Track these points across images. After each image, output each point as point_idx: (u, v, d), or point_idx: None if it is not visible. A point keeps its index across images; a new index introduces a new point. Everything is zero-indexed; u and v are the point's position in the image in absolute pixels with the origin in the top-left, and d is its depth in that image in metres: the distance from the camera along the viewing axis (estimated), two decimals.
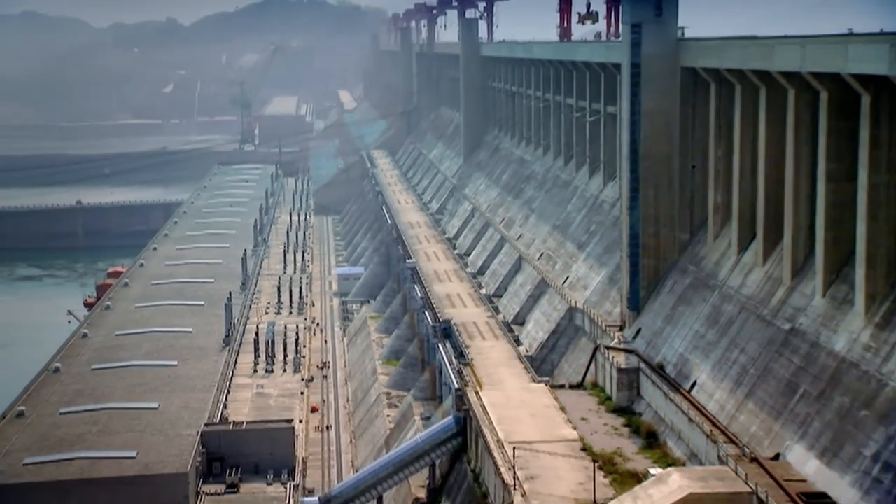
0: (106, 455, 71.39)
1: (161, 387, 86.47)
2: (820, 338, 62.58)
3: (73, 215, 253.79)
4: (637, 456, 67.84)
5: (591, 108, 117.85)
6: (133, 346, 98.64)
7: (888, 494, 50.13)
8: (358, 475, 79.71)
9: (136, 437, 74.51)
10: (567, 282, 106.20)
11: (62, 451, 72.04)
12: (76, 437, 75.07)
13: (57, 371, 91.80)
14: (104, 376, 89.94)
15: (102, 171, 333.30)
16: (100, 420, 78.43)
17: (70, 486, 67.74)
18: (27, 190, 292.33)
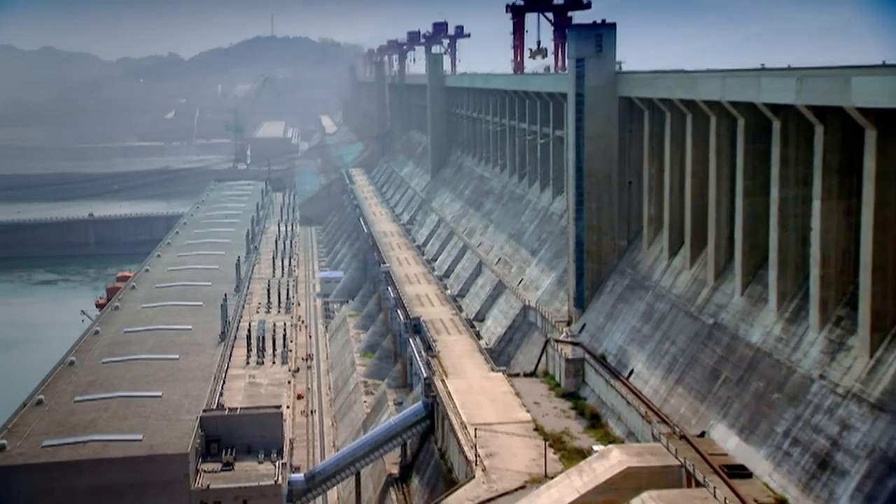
0: (115, 438, 71.11)
1: (164, 377, 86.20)
2: (739, 331, 63.35)
3: (85, 226, 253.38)
4: (582, 435, 68.40)
5: (541, 131, 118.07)
6: (139, 342, 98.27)
7: (796, 465, 50.97)
8: (338, 454, 79.78)
9: (142, 422, 74.25)
10: (521, 283, 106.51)
11: (76, 435, 71.70)
12: (89, 422, 74.74)
13: (72, 364, 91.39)
14: (114, 368, 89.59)
15: (111, 188, 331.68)
16: (110, 407, 78.11)
17: (83, 466, 67.50)
18: (45, 204, 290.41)
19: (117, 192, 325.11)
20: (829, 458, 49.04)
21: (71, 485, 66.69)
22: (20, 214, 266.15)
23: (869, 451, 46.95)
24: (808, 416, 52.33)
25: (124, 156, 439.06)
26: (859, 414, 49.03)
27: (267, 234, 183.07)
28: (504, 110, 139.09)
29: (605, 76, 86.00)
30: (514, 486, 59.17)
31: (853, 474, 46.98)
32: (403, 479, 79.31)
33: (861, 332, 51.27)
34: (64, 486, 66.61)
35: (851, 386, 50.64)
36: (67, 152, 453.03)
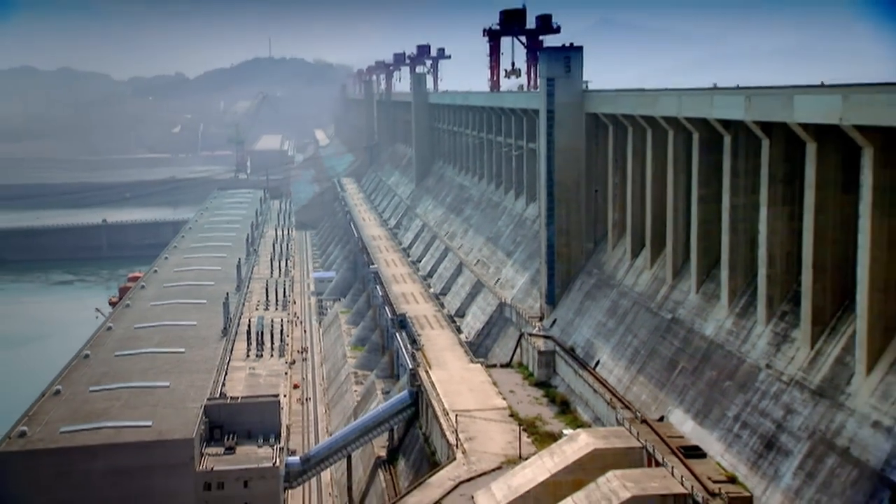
0: (127, 424, 71.02)
1: (171, 369, 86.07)
2: (694, 325, 63.76)
3: (98, 231, 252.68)
4: (553, 420, 68.84)
5: (515, 144, 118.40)
6: (148, 337, 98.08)
7: (745, 446, 51.42)
8: (331, 438, 79.80)
9: (151, 410, 74.15)
10: (498, 282, 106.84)
11: (91, 422, 71.55)
12: (102, 410, 74.62)
13: (87, 357, 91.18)
14: (125, 361, 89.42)
15: (123, 196, 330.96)
16: (122, 396, 78.00)
17: (97, 450, 67.38)
18: (61, 211, 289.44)
19: (128, 199, 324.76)
20: (775, 440, 49.55)
21: (86, 467, 66.62)
22: (39, 220, 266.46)
23: (810, 433, 47.51)
24: (755, 401, 52.81)
25: (134, 167, 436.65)
26: (801, 399, 49.56)
27: (265, 238, 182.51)
28: (482, 125, 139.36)
29: (573, 94, 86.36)
30: (492, 467, 59.63)
31: (796, 454, 47.50)
32: (391, 462, 79.45)
33: (803, 326, 51.75)
34: (80, 469, 66.58)
35: (794, 374, 51.16)
36: (82, 164, 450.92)
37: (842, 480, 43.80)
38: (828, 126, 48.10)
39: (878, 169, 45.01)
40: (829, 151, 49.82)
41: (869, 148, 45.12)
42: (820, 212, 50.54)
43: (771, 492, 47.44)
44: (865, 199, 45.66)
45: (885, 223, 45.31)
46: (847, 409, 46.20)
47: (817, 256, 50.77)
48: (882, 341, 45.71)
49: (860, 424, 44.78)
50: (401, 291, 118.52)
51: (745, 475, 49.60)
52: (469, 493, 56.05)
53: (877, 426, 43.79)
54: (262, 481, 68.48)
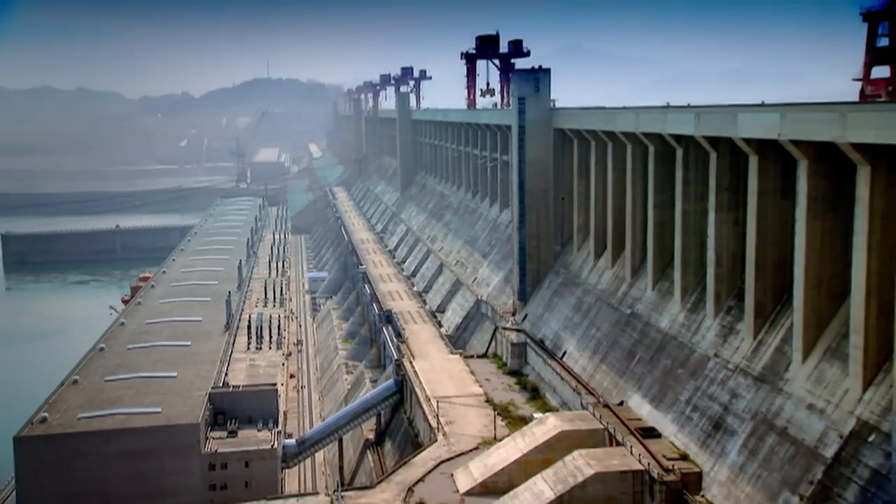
0: (138, 411, 70.81)
1: (179, 361, 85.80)
2: (651, 319, 64.18)
3: (112, 236, 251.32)
4: (525, 405, 69.02)
5: (490, 156, 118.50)
6: (158, 331, 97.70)
7: (696, 427, 51.92)
8: (324, 423, 79.80)
9: (160, 398, 73.91)
10: (475, 281, 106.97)
11: (106, 409, 71.28)
12: (116, 398, 74.36)
13: (102, 350, 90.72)
14: (137, 353, 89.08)
15: (134, 203, 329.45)
16: (134, 385, 77.71)
17: (112, 434, 67.18)
18: (79, 217, 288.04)
19: (139, 207, 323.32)
20: (722, 421, 50.06)
21: (101, 450, 66.39)
22: (58, 226, 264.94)
23: (752, 414, 48.07)
24: (705, 387, 53.33)
25: (144, 177, 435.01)
26: (745, 385, 50.12)
27: (264, 242, 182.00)
28: (460, 139, 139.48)
29: (541, 112, 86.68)
30: (469, 448, 59.78)
31: (740, 433, 48.06)
32: (378, 443, 79.31)
33: (746, 319, 52.32)
34: (95, 452, 66.31)
35: (739, 363, 51.71)
36: (97, 175, 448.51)
37: (780, 457, 44.37)
38: (768, 141, 48.70)
39: (811, 179, 45.62)
40: (768, 163, 50.39)
41: (804, 160, 45.74)
42: (761, 217, 51.12)
43: (718, 468, 47.93)
44: (801, 206, 46.27)
45: (817, 227, 45.92)
46: (785, 393, 46.78)
47: (759, 257, 51.37)
48: (816, 333, 46.34)
49: (796, 407, 45.36)
50: (387, 290, 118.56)
51: (696, 453, 50.12)
52: (449, 471, 56.25)
53: (811, 408, 44.39)
54: (262, 462, 68.43)
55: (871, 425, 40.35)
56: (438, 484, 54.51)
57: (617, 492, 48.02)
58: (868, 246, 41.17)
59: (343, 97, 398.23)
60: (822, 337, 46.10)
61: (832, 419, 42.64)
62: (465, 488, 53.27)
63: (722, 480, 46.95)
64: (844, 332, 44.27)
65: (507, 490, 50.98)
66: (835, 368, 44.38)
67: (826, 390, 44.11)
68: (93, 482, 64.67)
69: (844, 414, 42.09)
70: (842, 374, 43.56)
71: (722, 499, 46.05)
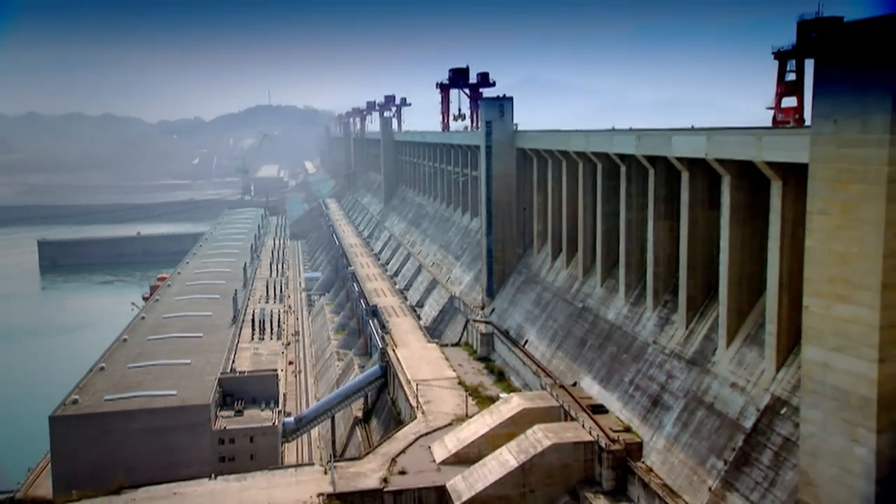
0: (157, 393, 70.37)
1: (192, 350, 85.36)
2: (599, 312, 64.48)
3: (133, 242, 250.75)
4: (492, 387, 69.04)
5: (462, 172, 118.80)
6: (173, 324, 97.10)
7: (638, 404, 52.20)
8: (318, 403, 79.52)
9: (176, 382, 73.53)
10: (449, 280, 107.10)
11: (129, 392, 70.83)
12: (137, 382, 73.87)
13: (125, 341, 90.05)
14: (156, 344, 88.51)
15: (153, 213, 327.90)
16: (153, 371, 77.25)
17: (134, 414, 66.76)
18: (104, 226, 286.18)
19: (157, 216, 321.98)
20: (659, 398, 50.48)
21: (125, 427, 65.94)
22: (86, 234, 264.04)
23: (685, 392, 48.52)
24: (645, 369, 53.72)
25: (161, 191, 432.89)
26: (679, 367, 50.55)
27: (265, 247, 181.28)
28: (436, 157, 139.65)
29: (506, 133, 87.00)
30: (444, 424, 59.78)
31: (675, 408, 48.47)
32: (366, 421, 79.37)
33: (680, 311, 52.76)
34: (120, 429, 65.84)
35: (674, 348, 52.13)
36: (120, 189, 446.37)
37: (708, 428, 44.82)
38: (697, 159, 49.16)
39: (733, 192, 46.16)
40: (697, 178, 50.87)
41: (727, 176, 46.26)
42: (692, 224, 51.57)
43: (656, 438, 48.33)
44: (725, 215, 46.79)
45: (738, 232, 46.46)
46: (712, 374, 47.25)
47: (690, 258, 51.79)
48: (737, 322, 46.89)
49: (722, 385, 45.84)
50: (373, 287, 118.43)
51: (638, 426, 50.50)
52: (427, 444, 56.24)
53: (734, 386, 44.88)
54: (265, 437, 68.24)
55: (782, 400, 40.89)
56: (418, 455, 54.54)
57: (571, 460, 48.34)
58: (780, 248, 41.67)
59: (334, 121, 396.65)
60: (743, 326, 46.63)
61: (751, 395, 43.14)
62: (440, 459, 53.37)
63: (659, 449, 47.35)
64: (761, 321, 44.76)
65: (477, 460, 51.17)
66: (753, 352, 44.90)
67: (746, 371, 44.62)
68: (117, 455, 64.07)
69: (761, 391, 42.61)
70: (759, 357, 44.08)
71: (659, 464, 46.44)
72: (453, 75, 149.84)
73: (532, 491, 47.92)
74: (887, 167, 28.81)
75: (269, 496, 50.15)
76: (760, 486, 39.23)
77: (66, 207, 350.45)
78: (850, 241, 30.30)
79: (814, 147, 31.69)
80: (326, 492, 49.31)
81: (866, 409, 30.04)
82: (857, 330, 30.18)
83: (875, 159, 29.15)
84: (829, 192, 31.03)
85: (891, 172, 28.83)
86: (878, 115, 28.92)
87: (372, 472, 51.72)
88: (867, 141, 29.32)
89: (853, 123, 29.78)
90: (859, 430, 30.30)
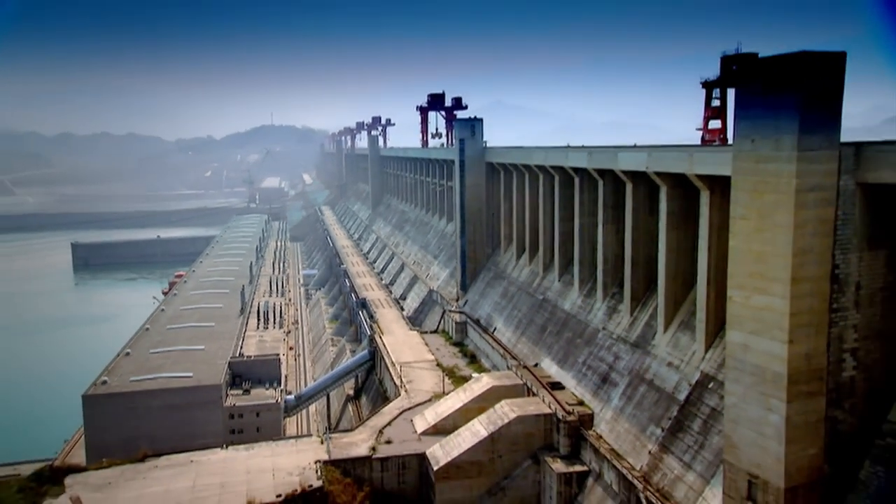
0: (175, 375, 69.85)
1: (205, 337, 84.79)
2: (557, 303, 64.71)
3: (154, 244, 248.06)
4: (466, 368, 69.21)
5: (439, 183, 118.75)
6: (189, 315, 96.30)
7: (589, 381, 52.47)
8: (315, 383, 79.32)
9: (192, 365, 73.04)
10: (428, 276, 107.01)
11: (151, 374, 70.31)
12: (158, 365, 73.26)
13: (147, 330, 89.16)
14: (174, 332, 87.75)
15: (170, 219, 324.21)
16: (171, 356, 76.65)
17: (156, 393, 66.29)
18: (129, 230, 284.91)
19: (174, 222, 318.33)
20: (608, 376, 50.85)
21: (148, 404, 65.51)
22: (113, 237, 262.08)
23: (629, 371, 48.94)
24: (596, 352, 54.01)
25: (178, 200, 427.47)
26: (624, 350, 50.95)
27: (269, 248, 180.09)
28: (416, 170, 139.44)
29: (476, 150, 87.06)
30: (424, 400, 59.95)
31: (621, 385, 48.88)
32: (356, 398, 79.35)
33: (625, 302, 53.14)
34: (143, 406, 65.41)
35: (620, 333, 52.52)
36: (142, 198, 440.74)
37: (648, 401, 45.29)
38: (639, 172, 49.64)
39: (669, 200, 46.63)
40: (640, 189, 51.34)
41: (664, 187, 46.73)
42: (635, 228, 52.04)
43: (605, 410, 48.74)
44: (662, 220, 47.24)
45: (674, 235, 46.89)
46: (652, 355, 47.72)
47: (634, 257, 52.23)
48: (673, 311, 47.37)
49: (660, 365, 46.32)
50: (362, 283, 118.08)
51: (590, 400, 50.88)
52: (409, 417, 56.36)
53: (670, 365, 45.37)
54: (269, 413, 68.02)
55: (710, 376, 41.41)
56: (402, 427, 54.63)
57: (533, 430, 48.67)
58: (708, 248, 42.19)
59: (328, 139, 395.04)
60: (678, 314, 47.14)
61: (684, 373, 43.63)
62: (421, 430, 53.50)
63: (608, 419, 47.74)
64: (692, 310, 45.27)
65: (452, 430, 51.38)
66: (686, 336, 45.37)
67: (680, 352, 45.12)
68: (142, 429, 63.61)
69: (692, 369, 43.10)
70: (691, 341, 44.56)
71: (608, 432, 46.85)
72: (431, 99, 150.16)
73: (500, 456, 48.21)
74: (795, 179, 29.37)
75: (273, 463, 50.02)
76: (692, 449, 39.74)
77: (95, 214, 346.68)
78: (766, 241, 30.81)
79: (735, 162, 32.16)
80: (323, 459, 49.30)
81: (778, 382, 30.58)
82: (771, 316, 30.69)
83: (785, 173, 29.69)
84: (748, 200, 31.50)
85: (798, 184, 29.41)
86: (787, 136, 29.49)
87: (362, 442, 51.76)
88: (779, 157, 29.86)
89: (767, 143, 30.31)
90: (772, 400, 30.85)
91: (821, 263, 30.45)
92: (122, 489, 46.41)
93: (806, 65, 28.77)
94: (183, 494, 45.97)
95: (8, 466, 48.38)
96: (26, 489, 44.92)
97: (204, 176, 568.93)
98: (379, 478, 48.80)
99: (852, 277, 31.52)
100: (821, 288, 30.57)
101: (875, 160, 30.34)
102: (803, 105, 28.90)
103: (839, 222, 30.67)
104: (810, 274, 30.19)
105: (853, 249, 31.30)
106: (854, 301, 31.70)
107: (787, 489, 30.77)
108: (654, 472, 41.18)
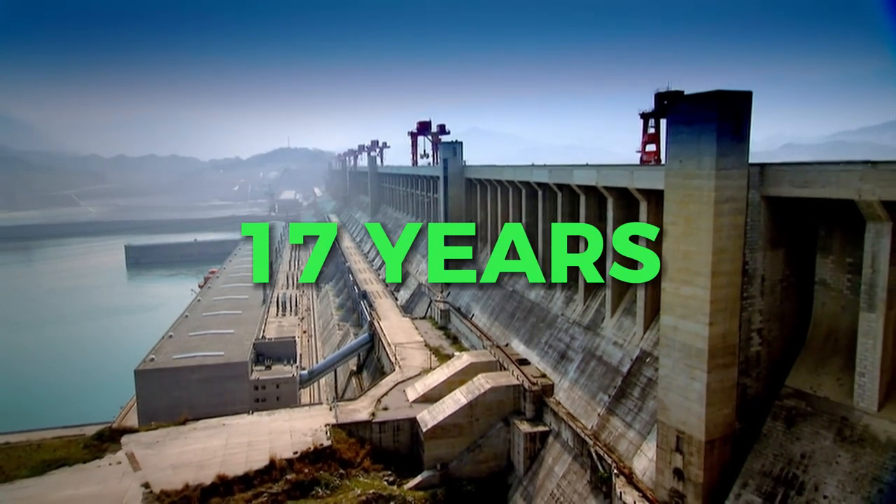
0: (209, 354, 69.53)
1: (234, 323, 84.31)
2: (525, 294, 64.26)
3: (191, 246, 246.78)
4: (449, 348, 68.52)
5: (426, 195, 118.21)
6: (221, 305, 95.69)
7: (551, 358, 52.34)
8: (325, 360, 78.77)
9: (224, 345, 72.67)
10: (418, 272, 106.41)
11: (190, 353, 69.91)
12: (195, 346, 72.80)
13: (186, 317, 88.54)
14: (209, 319, 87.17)
15: (205, 226, 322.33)
16: (207, 338, 76.21)
17: (194, 369, 65.97)
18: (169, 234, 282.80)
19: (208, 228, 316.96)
20: (566, 354, 50.83)
21: (188, 378, 65.19)
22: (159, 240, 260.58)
23: (583, 349, 49.03)
24: (556, 334, 53.90)
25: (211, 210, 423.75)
26: (579, 332, 50.94)
27: (286, 249, 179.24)
28: (408, 184, 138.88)
29: (458, 167, 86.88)
30: (415, 374, 59.59)
31: (576, 360, 48.93)
32: (359, 372, 78.92)
33: (580, 292, 53.02)
34: (184, 379, 65.09)
35: (576, 318, 52.46)
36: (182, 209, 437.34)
37: (598, 373, 45.47)
38: (590, 186, 49.84)
39: (615, 209, 46.80)
40: (591, 200, 51.44)
41: (610, 198, 46.94)
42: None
43: (563, 381, 48.80)
44: (609, 225, 47.36)
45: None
46: (601, 336, 47.83)
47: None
48: (618, 300, 47.54)
49: (608, 343, 46.50)
50: (363, 278, 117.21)
51: (550, 373, 50.81)
52: (403, 388, 56.07)
53: (616, 344, 45.59)
54: (287, 384, 67.92)
55: (647, 353, 41.76)
56: (396, 396, 54.43)
57: (504, 398, 48.60)
58: None
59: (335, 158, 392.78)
60: (622, 303, 47.34)
61: (627, 350, 43.92)
62: (412, 399, 53.35)
63: (565, 388, 47.88)
64: (634, 299, 45.55)
65: (438, 399, 51.27)
66: (629, 321, 45.62)
67: (624, 333, 45.39)
68: (183, 398, 63.23)
69: (633, 347, 43.41)
70: (632, 324, 44.84)
71: (565, 399, 46.99)
72: (420, 126, 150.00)
73: (477, 420, 48.18)
74: (714, 192, 29.76)
75: (290, 426, 49.85)
76: (632, 412, 40.08)
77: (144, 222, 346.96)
78: (691, 243, 31.17)
79: (667, 178, 32.50)
80: (331, 423, 49.15)
81: (700, 357, 30.97)
82: (695, 304, 31.06)
83: (706, 187, 30.08)
84: (677, 209, 31.84)
85: (716, 196, 29.80)
86: (707, 158, 29.87)
87: (363, 409, 51.62)
88: (700, 175, 30.24)
89: (692, 163, 30.68)
90: (696, 371, 31.23)
91: (734, 260, 30.89)
92: (167, 446, 46.33)
93: (721, 100, 29.19)
94: (217, 451, 45.84)
95: (75, 427, 49.01)
96: (90, 446, 45.70)
97: (232, 190, 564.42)
98: (378, 438, 48.77)
99: (758, 271, 32.01)
100: (734, 280, 31.01)
101: (775, 177, 30.84)
102: (718, 132, 29.30)
103: (748, 227, 31.14)
104: (726, 269, 30.61)
105: (759, 249, 31.79)
106: (760, 290, 32.19)
107: (706, 442, 31.19)
108: (602, 430, 41.47)
